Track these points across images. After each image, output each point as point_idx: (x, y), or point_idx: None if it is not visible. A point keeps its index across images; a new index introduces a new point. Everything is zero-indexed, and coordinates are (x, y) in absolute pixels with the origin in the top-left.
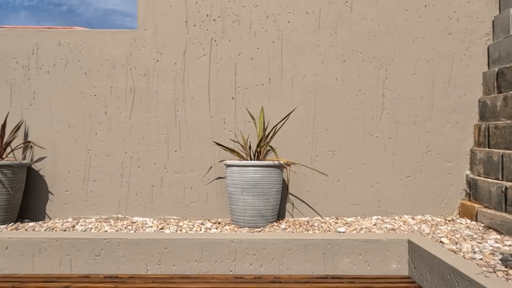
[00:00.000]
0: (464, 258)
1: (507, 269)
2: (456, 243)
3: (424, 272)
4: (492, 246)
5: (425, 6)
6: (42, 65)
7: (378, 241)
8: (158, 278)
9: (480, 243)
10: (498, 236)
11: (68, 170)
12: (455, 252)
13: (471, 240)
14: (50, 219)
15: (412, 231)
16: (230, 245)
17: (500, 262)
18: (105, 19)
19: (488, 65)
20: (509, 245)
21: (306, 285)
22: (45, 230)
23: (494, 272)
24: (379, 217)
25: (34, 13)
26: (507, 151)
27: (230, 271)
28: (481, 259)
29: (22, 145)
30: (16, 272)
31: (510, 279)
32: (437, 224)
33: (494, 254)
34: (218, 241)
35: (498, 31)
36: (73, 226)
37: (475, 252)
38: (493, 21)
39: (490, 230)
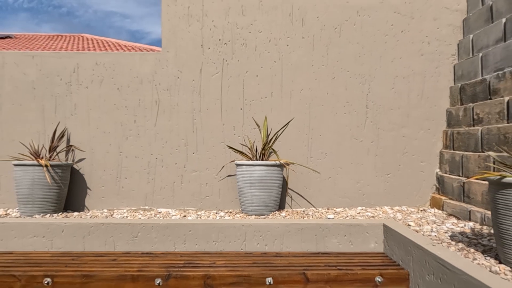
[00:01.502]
0: (423, 235)
1: (451, 242)
2: (420, 226)
3: (394, 247)
4: (447, 227)
5: (402, 31)
6: (82, 81)
7: (360, 225)
8: (184, 254)
9: (439, 225)
10: (455, 221)
11: (103, 169)
12: (417, 232)
13: (432, 224)
14: (89, 210)
15: (388, 218)
16: (241, 229)
17: (448, 237)
18: (105, 21)
19: (454, 81)
20: (461, 227)
21: (302, 258)
22: (90, 218)
23: (441, 243)
24: (363, 207)
25: (34, 15)
26: (465, 153)
27: (241, 248)
28: (435, 235)
29: (65, 149)
30: (71, 250)
31: (450, 247)
32: (410, 213)
33: (447, 233)
34: (232, 225)
35: (462, 53)
36: (111, 215)
37: (432, 231)
38: (458, 44)
39: (451, 217)
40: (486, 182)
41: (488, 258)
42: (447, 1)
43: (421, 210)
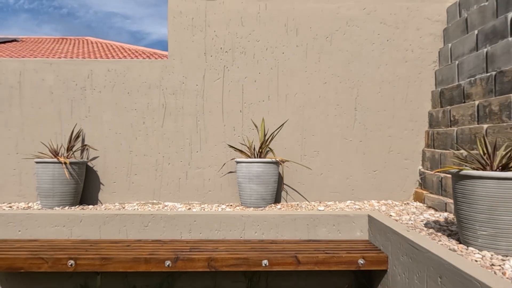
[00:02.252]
0: (401, 224)
1: (424, 228)
2: (400, 216)
3: (376, 235)
4: (424, 217)
5: (387, 40)
6: (95, 86)
7: (347, 215)
8: (190, 241)
9: (417, 216)
10: (433, 212)
11: (115, 167)
12: (396, 221)
13: (412, 214)
14: (102, 204)
15: (373, 210)
16: (240, 219)
17: (423, 225)
18: (105, 21)
19: (435, 86)
20: (436, 217)
21: (294, 245)
22: (104, 209)
23: (415, 229)
24: (352, 201)
25: (34, 16)
26: (443, 151)
27: (241, 236)
28: (412, 224)
29: (80, 148)
30: (89, 238)
31: (422, 232)
32: (394, 206)
33: (423, 221)
34: (232, 216)
35: (442, 60)
36: (123, 207)
37: (410, 220)
38: (439, 52)
39: (430, 209)
40: None
41: (451, 240)
42: (428, 12)
43: (404, 204)
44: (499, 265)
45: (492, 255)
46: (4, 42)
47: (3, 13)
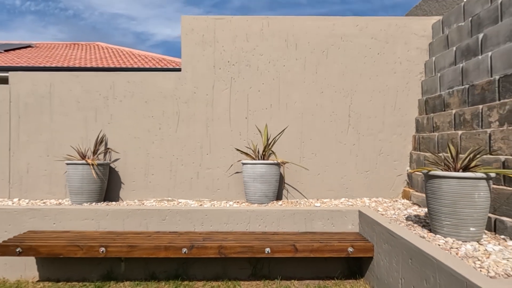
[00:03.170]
0: (385, 217)
1: (404, 221)
2: (386, 211)
3: (365, 227)
4: (407, 212)
5: (378, 53)
6: (117, 96)
7: (340, 211)
8: (202, 233)
9: (402, 211)
10: (416, 208)
11: (134, 167)
12: (382, 215)
13: (397, 210)
14: (123, 200)
15: (363, 206)
16: (246, 213)
17: (404, 218)
18: (110, 23)
19: (422, 95)
20: (418, 212)
21: (293, 236)
22: (126, 205)
23: (396, 222)
24: (346, 198)
25: (41, 18)
26: (427, 154)
27: (246, 229)
28: (395, 217)
29: (103, 151)
30: (114, 230)
31: (401, 224)
32: (383, 203)
33: (405, 215)
34: (239, 211)
35: (427, 71)
36: (143, 203)
37: (394, 215)
38: (425, 64)
39: (415, 205)
40: None
41: (424, 230)
42: (415, 28)
43: (393, 201)
44: (456, 248)
45: (454, 241)
46: (19, 48)
47: (10, 14)
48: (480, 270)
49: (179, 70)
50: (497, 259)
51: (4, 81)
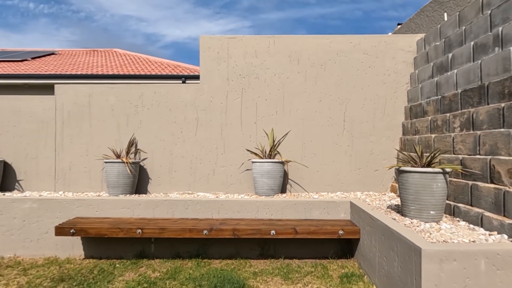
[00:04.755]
0: (370, 206)
1: (384, 209)
2: (373, 202)
3: (355, 215)
4: (390, 203)
5: (369, 67)
6: (145, 104)
7: (334, 202)
8: (218, 220)
9: (386, 202)
10: (400, 199)
11: (160, 166)
12: (369, 205)
13: (382, 201)
14: (151, 193)
15: (354, 198)
16: (255, 203)
17: (386, 207)
18: (121, 24)
19: (408, 102)
20: (399, 202)
21: (294, 222)
22: (155, 197)
23: (378, 209)
24: (341, 192)
25: (54, 20)
26: (411, 153)
27: (255, 216)
28: (378, 206)
29: (134, 151)
30: (146, 216)
31: (381, 211)
32: (372, 196)
33: (387, 205)
34: (249, 201)
35: (412, 82)
36: (168, 196)
37: (378, 204)
38: (410, 76)
39: (399, 197)
40: None
41: (398, 215)
42: (402, 44)
43: (382, 194)
44: (417, 226)
45: (418, 221)
46: (44, 56)
47: (24, 18)
48: (427, 239)
49: (193, 77)
50: (444, 233)
51: (43, 86)
